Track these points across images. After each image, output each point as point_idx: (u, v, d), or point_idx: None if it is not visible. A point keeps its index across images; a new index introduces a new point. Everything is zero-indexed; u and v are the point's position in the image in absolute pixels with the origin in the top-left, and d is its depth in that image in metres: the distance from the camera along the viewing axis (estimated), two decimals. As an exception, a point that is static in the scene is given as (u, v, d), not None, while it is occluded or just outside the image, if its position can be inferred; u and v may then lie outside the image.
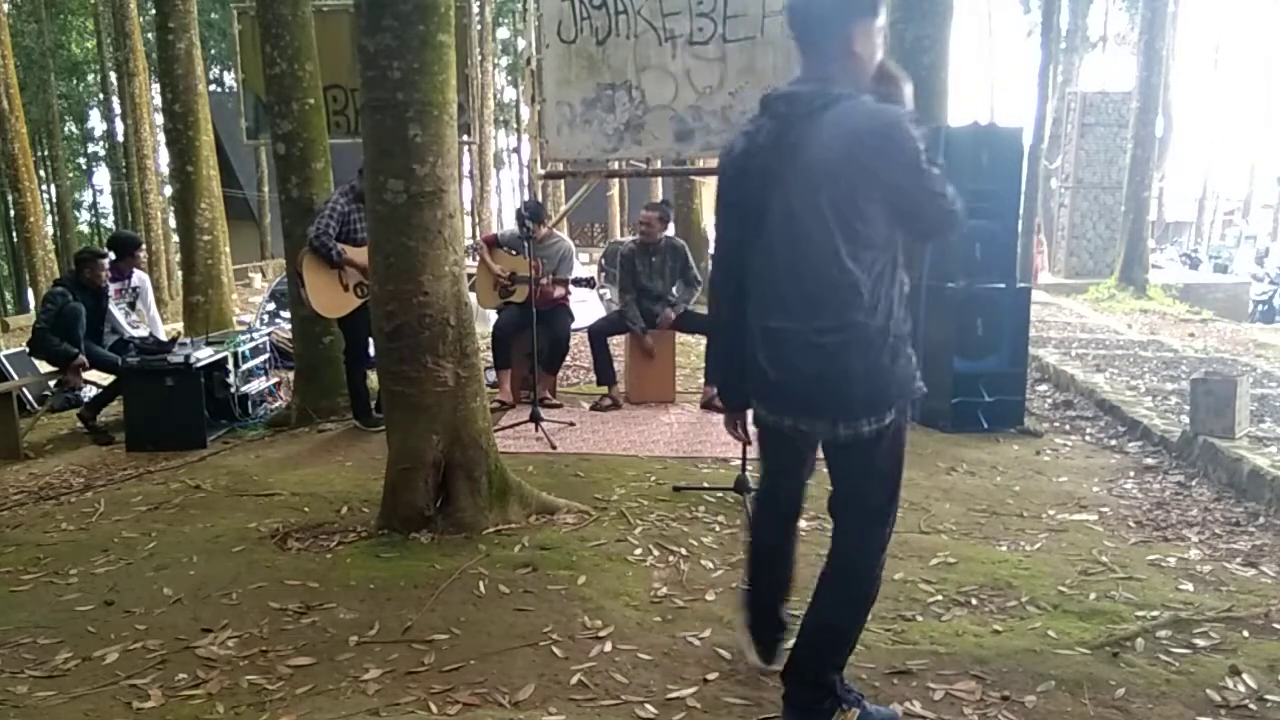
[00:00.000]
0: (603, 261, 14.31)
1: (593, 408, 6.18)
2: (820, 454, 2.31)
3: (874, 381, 2.07)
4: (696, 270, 6.55)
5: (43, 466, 5.38)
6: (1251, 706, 2.37)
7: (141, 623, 2.96)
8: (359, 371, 5.65)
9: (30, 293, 16.39)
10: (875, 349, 2.06)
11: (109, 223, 34.27)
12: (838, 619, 2.23)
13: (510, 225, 9.34)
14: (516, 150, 38.82)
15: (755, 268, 2.21)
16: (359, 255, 5.18)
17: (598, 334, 6.36)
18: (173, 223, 17.63)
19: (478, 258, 6.55)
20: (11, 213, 19.42)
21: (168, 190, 17.95)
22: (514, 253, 6.36)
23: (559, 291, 6.26)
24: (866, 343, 2.05)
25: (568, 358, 6.88)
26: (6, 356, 6.88)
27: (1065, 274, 17.60)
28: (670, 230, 6.64)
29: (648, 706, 2.40)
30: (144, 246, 8.04)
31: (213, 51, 27.25)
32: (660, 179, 18.93)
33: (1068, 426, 5.73)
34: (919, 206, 2.05)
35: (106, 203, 36.09)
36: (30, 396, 6.83)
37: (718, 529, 3.81)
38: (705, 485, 4.38)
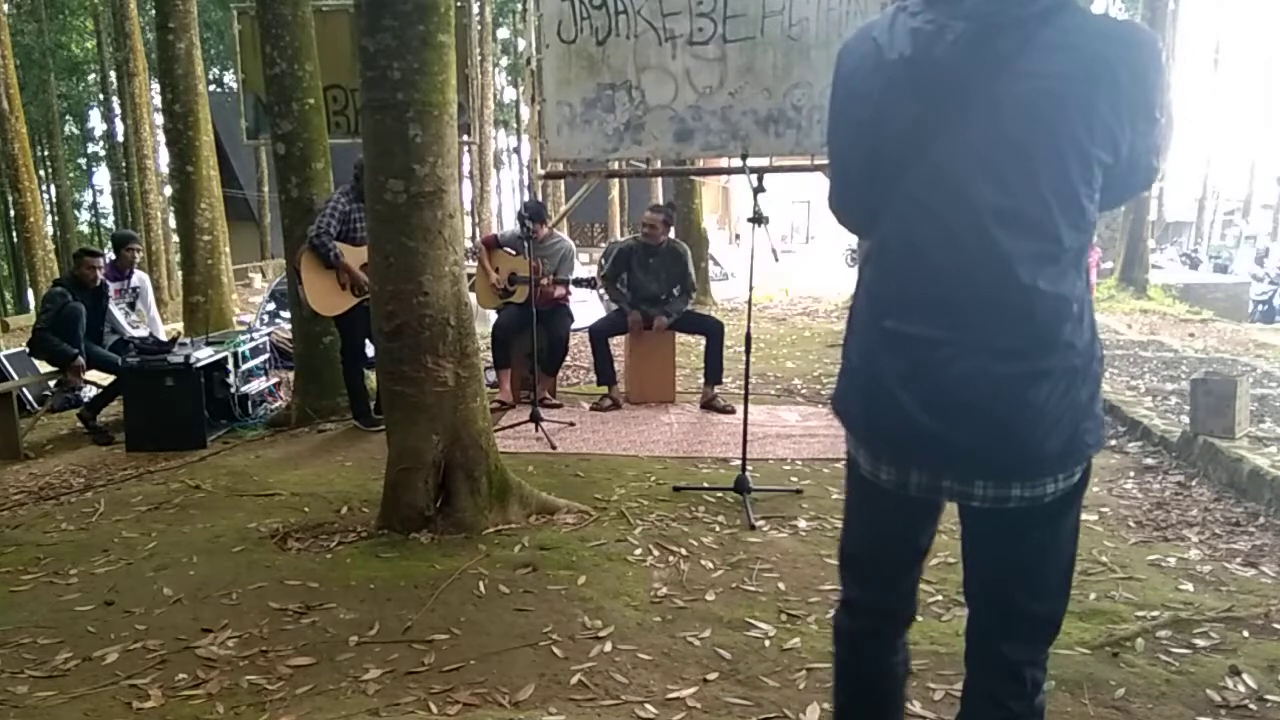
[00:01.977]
0: (602, 261, 14.31)
1: (593, 408, 6.18)
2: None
3: (1072, 426, 1.45)
4: (695, 277, 6.54)
5: (43, 466, 5.38)
6: (1251, 706, 2.37)
7: (141, 623, 2.96)
8: (356, 370, 5.64)
9: (30, 293, 16.41)
10: (1079, 380, 1.45)
11: (109, 223, 34.36)
12: None
13: (510, 225, 9.34)
14: (516, 150, 38.89)
15: (890, 235, 1.52)
16: (355, 259, 5.19)
17: (598, 334, 6.36)
18: (173, 223, 17.64)
19: (477, 259, 6.55)
20: (11, 213, 19.45)
21: (168, 190, 17.96)
22: (514, 253, 6.36)
23: (559, 291, 6.26)
24: (1071, 373, 1.44)
25: (568, 358, 6.88)
26: (6, 356, 6.88)
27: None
28: (671, 233, 6.63)
29: (648, 706, 2.40)
30: (140, 241, 8.05)
31: (212, 51, 27.27)
32: (660, 179, 18.94)
33: (1068, 426, 5.72)
34: (1139, 167, 1.46)
35: (106, 203, 36.21)
36: (30, 396, 6.83)
37: (718, 529, 3.80)
38: (705, 485, 4.39)
